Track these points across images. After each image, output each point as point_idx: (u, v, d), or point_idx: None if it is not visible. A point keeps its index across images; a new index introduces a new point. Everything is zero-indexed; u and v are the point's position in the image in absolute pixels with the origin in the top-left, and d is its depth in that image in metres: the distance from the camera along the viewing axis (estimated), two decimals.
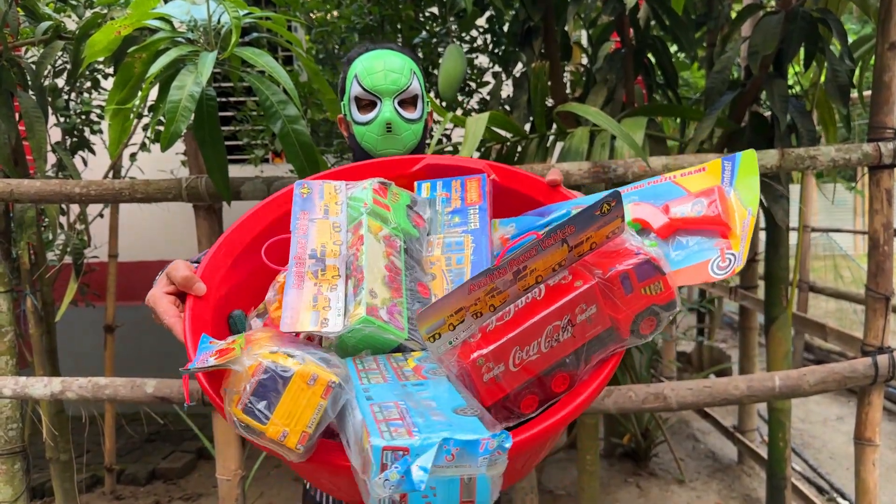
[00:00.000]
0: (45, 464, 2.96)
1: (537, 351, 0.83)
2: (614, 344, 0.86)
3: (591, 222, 0.80)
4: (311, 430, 0.76)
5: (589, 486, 2.59)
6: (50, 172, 2.95)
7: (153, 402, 2.17)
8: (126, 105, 1.83)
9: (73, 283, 2.75)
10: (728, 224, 0.89)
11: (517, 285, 0.82)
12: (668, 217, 0.94)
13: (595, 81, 2.70)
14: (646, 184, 1.02)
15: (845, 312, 6.56)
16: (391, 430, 0.71)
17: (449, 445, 0.68)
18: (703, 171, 0.99)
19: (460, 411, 0.76)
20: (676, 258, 0.91)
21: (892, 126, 2.12)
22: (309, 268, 0.98)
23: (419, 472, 0.67)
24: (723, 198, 0.92)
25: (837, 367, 2.15)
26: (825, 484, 3.64)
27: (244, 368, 0.78)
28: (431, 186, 1.19)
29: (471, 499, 0.71)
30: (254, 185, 2.13)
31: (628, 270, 0.82)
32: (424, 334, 0.82)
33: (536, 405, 0.85)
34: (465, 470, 0.69)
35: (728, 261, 0.86)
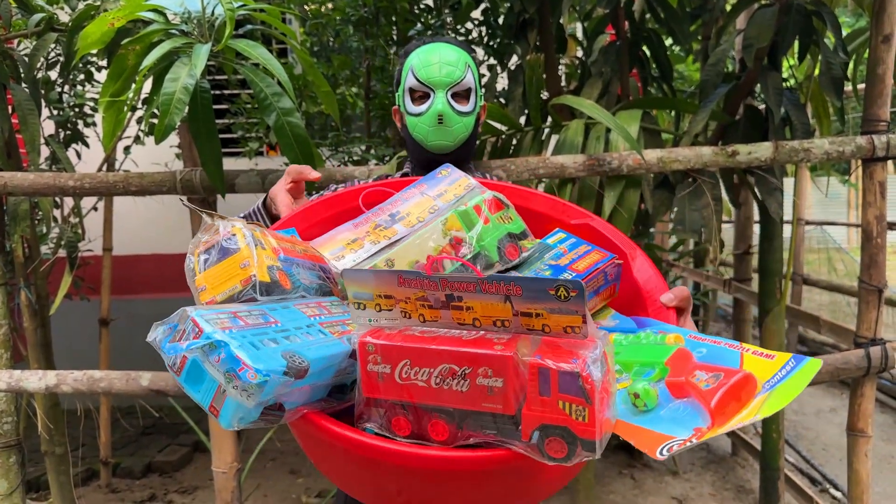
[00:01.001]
0: (40, 457, 2.96)
1: (426, 380, 0.77)
2: (504, 438, 0.76)
3: (541, 297, 0.73)
4: (218, 299, 0.87)
5: (583, 477, 2.61)
6: (43, 165, 2.94)
7: (148, 396, 2.16)
8: (120, 97, 1.82)
9: (68, 277, 2.74)
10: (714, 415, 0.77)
11: (451, 313, 0.79)
12: (685, 378, 0.83)
13: (590, 74, 2.70)
14: (723, 343, 0.91)
15: (839, 305, 6.59)
16: (221, 319, 0.78)
17: (222, 350, 0.73)
18: (770, 358, 0.86)
19: (287, 353, 0.77)
20: (663, 418, 0.80)
21: (886, 119, 2.13)
22: (379, 220, 1.06)
23: (180, 343, 0.75)
24: (741, 388, 0.80)
25: (830, 358, 2.16)
26: (818, 475, 3.67)
27: (213, 225, 0.92)
28: (564, 238, 1.17)
29: (217, 408, 0.75)
30: (248, 178, 2.13)
31: (549, 369, 0.71)
32: (350, 296, 0.82)
33: (407, 433, 0.80)
34: (224, 381, 0.73)
35: (683, 447, 0.73)
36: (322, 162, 2.34)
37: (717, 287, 4.49)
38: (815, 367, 0.82)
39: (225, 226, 0.91)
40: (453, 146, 1.40)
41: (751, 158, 2.11)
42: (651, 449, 0.73)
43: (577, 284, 0.71)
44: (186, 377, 0.76)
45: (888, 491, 3.48)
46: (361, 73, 3.30)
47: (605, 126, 2.21)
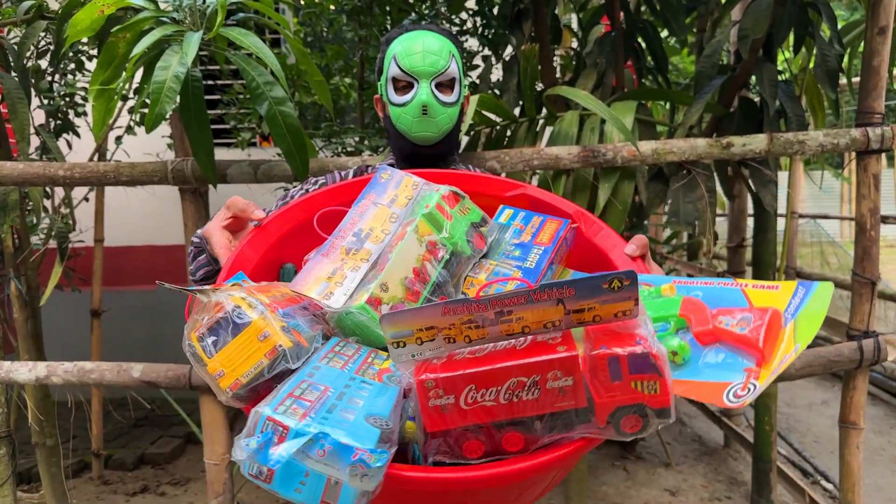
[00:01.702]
0: (31, 449, 2.95)
1: (494, 399, 0.77)
2: (584, 427, 0.79)
3: (594, 293, 0.75)
4: (244, 380, 0.79)
5: (576, 469, 2.61)
6: (34, 155, 2.91)
7: (140, 387, 2.15)
8: (110, 85, 1.80)
9: (58, 268, 2.72)
10: (764, 354, 0.80)
11: (500, 327, 0.78)
12: (712, 325, 0.86)
13: (585, 65, 2.69)
14: (716, 283, 0.94)
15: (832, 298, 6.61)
16: (291, 407, 0.71)
17: (324, 441, 0.68)
18: (775, 289, 0.89)
19: (371, 419, 0.74)
20: (703, 368, 0.83)
21: (881, 111, 2.12)
22: (347, 243, 1.00)
23: (280, 451, 0.67)
24: (774, 324, 0.83)
25: (823, 350, 2.16)
26: (810, 467, 3.68)
27: (210, 301, 0.82)
28: (513, 214, 1.16)
29: (331, 501, 0.69)
30: (240, 168, 2.11)
31: (620, 356, 0.74)
32: (388, 337, 0.79)
33: (481, 454, 0.79)
34: (334, 472, 0.68)
35: (748, 390, 0.77)
36: (315, 153, 2.33)
37: None
38: (828, 289, 0.86)
39: (227, 299, 0.82)
40: (437, 137, 1.36)
41: (745, 150, 2.10)
42: (716, 398, 0.77)
43: (629, 274, 0.74)
44: (281, 482, 0.68)
45: (879, 483, 3.50)
46: (355, 64, 3.28)
47: (599, 117, 2.20)
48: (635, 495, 3.40)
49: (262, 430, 0.70)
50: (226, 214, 1.12)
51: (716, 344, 0.84)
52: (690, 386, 0.80)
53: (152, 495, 3.50)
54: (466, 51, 3.26)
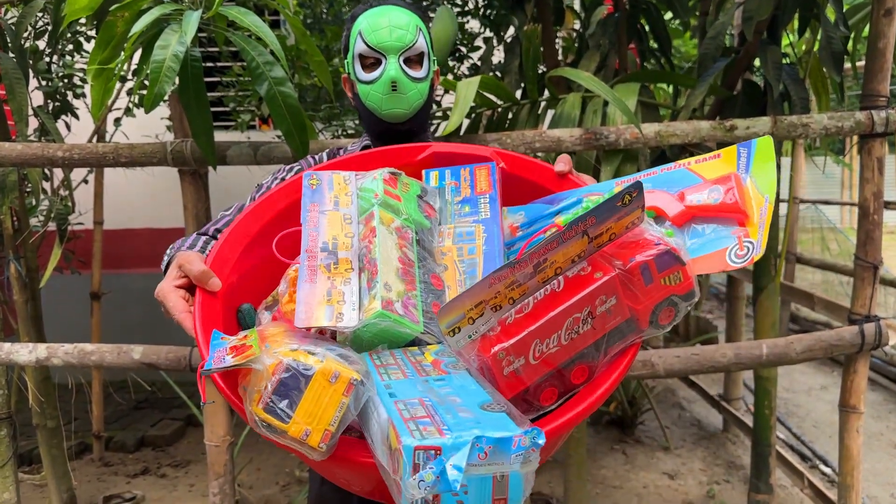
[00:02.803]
0: (32, 431, 2.96)
1: (557, 343, 0.82)
2: (633, 335, 0.86)
3: (612, 213, 0.79)
4: (333, 429, 0.76)
5: (576, 452, 2.61)
6: (32, 137, 2.89)
7: (140, 369, 2.15)
8: (109, 65, 1.78)
9: (58, 250, 2.71)
10: (745, 211, 0.87)
11: (537, 278, 0.82)
12: (684, 205, 0.92)
13: (587, 47, 2.67)
14: (659, 170, 0.99)
15: (831, 284, 6.62)
16: (420, 428, 0.70)
17: (482, 443, 0.67)
18: (718, 157, 0.96)
19: (487, 407, 0.74)
20: (692, 246, 0.89)
21: (886, 94, 2.11)
22: (321, 261, 0.96)
23: (453, 471, 0.66)
24: (739, 185, 0.90)
25: (825, 335, 2.16)
26: (808, 452, 3.70)
27: (265, 367, 0.77)
28: (440, 175, 1.16)
29: (503, 496, 0.69)
30: (240, 150, 2.10)
31: (648, 261, 0.82)
32: (444, 329, 0.81)
33: (556, 398, 0.85)
34: (498, 468, 0.68)
35: (746, 249, 0.84)
36: (315, 134, 2.31)
37: None
38: (768, 141, 0.94)
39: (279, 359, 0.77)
40: (409, 114, 1.33)
41: (749, 133, 2.09)
42: (721, 263, 0.86)
43: (636, 185, 0.79)
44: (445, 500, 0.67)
45: (877, 468, 3.51)
46: None
47: (602, 99, 2.18)
48: (634, 479, 3.41)
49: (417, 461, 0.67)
50: (177, 275, 1.03)
51: (691, 223, 0.92)
52: (696, 263, 0.86)
53: (153, 477, 3.52)
54: (468, 32, 3.23)
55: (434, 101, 1.47)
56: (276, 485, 3.39)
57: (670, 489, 3.31)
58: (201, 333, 0.92)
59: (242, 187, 2.13)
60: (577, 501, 2.66)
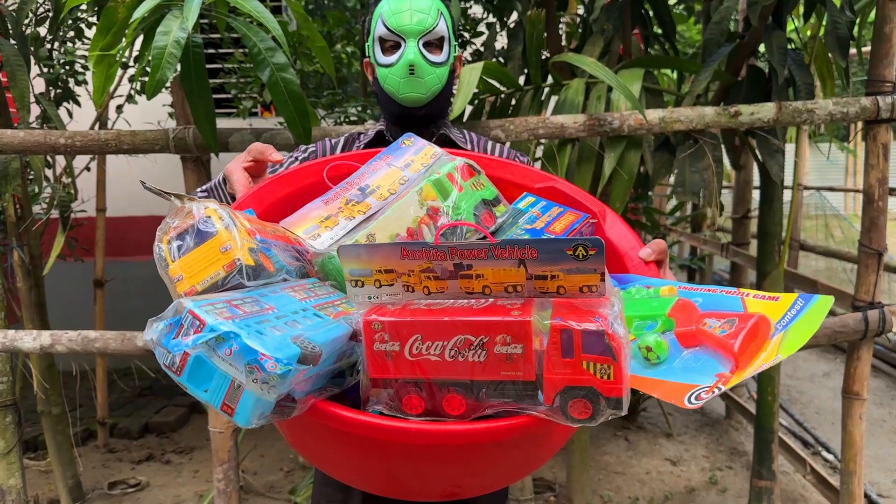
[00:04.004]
0: (37, 418, 2.97)
1: (439, 355, 0.74)
2: (530, 405, 0.74)
3: (557, 258, 0.72)
4: (199, 288, 0.80)
5: (578, 438, 2.62)
6: (34, 125, 2.89)
7: (144, 356, 2.16)
8: (110, 51, 1.77)
9: (60, 237, 2.71)
10: (737, 359, 0.77)
11: (459, 283, 0.76)
12: (696, 327, 0.83)
13: (591, 32, 2.65)
14: (718, 290, 0.91)
15: (835, 271, 6.61)
16: (220, 309, 0.72)
17: (234, 341, 0.68)
18: (775, 300, 0.86)
19: (297, 340, 0.73)
20: (677, 369, 0.79)
21: (891, 79, 2.09)
22: (349, 195, 1.00)
23: (187, 340, 0.68)
24: (758, 330, 0.80)
25: (828, 321, 2.15)
26: (811, 438, 3.71)
27: (184, 209, 0.84)
28: (534, 202, 1.15)
29: (231, 405, 0.69)
30: (242, 137, 2.09)
31: (573, 330, 0.70)
32: (347, 274, 0.78)
33: (420, 411, 0.77)
34: (237, 374, 0.68)
35: (711, 393, 0.73)
36: (317, 121, 2.30)
37: (714, 252, 4.49)
38: (827, 303, 0.82)
39: (198, 208, 0.83)
40: (426, 98, 1.32)
41: (753, 119, 2.08)
42: (678, 398, 0.73)
43: (595, 242, 0.70)
44: (189, 377, 0.69)
45: (879, 454, 3.52)
46: (357, 31, 3.24)
47: (606, 85, 2.17)
48: (637, 465, 3.42)
49: (176, 317, 0.71)
50: (246, 157, 1.16)
51: (698, 347, 0.81)
52: (654, 384, 0.77)
53: (157, 463, 3.54)
54: (471, 18, 3.21)
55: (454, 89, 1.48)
56: (280, 471, 3.41)
57: (673, 475, 3.32)
58: (241, 203, 1.02)
59: None
60: (579, 487, 2.67)
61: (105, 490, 3.21)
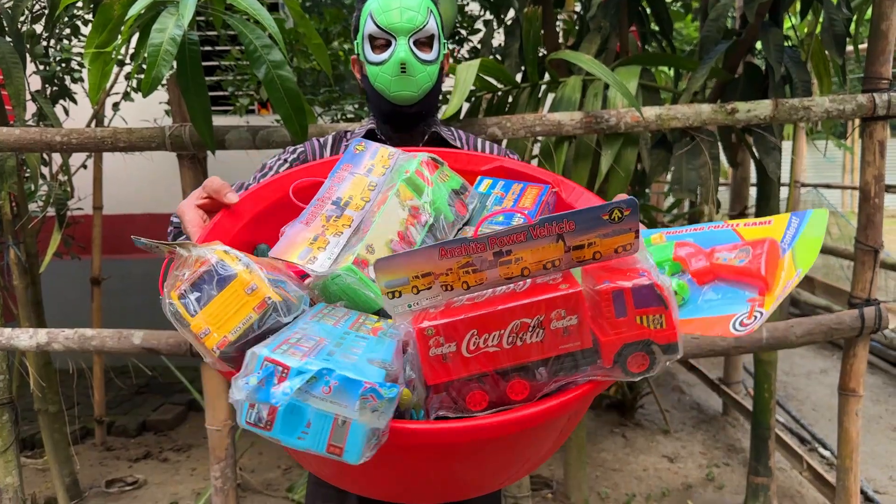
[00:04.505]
0: (34, 416, 2.97)
1: (497, 343, 0.74)
2: (592, 369, 0.76)
3: (595, 225, 0.73)
4: (232, 338, 0.75)
5: (576, 436, 2.63)
6: (30, 122, 2.88)
7: (141, 354, 2.15)
8: (106, 49, 1.77)
9: (57, 235, 2.71)
10: (766, 280, 0.79)
11: (499, 270, 0.75)
12: (710, 262, 0.85)
13: (588, 29, 2.64)
14: (706, 227, 0.94)
15: (832, 268, 6.61)
16: (288, 350, 0.68)
17: (329, 377, 0.65)
18: (768, 223, 0.89)
19: (374, 362, 0.71)
20: (702, 306, 0.82)
21: (888, 76, 2.09)
22: (326, 211, 0.98)
23: (283, 387, 0.64)
24: (773, 252, 0.83)
25: (824, 318, 2.16)
26: (807, 435, 3.71)
27: (191, 256, 0.77)
28: (493, 183, 1.17)
29: (339, 445, 0.66)
30: (239, 134, 2.09)
31: (624, 289, 0.72)
32: (382, 286, 0.75)
33: (485, 405, 0.76)
34: (341, 409, 0.65)
35: (754, 318, 0.76)
36: (314, 118, 2.30)
37: None
38: (823, 215, 0.87)
39: (209, 252, 0.77)
40: (418, 97, 1.33)
41: (750, 116, 2.08)
42: (722, 329, 0.76)
43: (630, 202, 0.72)
44: (283, 427, 0.65)
45: (875, 450, 3.53)
46: None
47: (603, 83, 2.17)
48: (634, 462, 3.43)
49: (257, 369, 0.66)
50: (200, 194, 1.07)
51: (714, 281, 0.85)
52: (694, 323, 0.80)
53: (155, 461, 3.54)
54: (468, 15, 3.21)
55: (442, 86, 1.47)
56: (277, 468, 3.41)
57: (670, 472, 3.32)
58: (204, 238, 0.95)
59: (241, 172, 2.12)
60: (576, 484, 2.67)
61: (102, 488, 3.21)
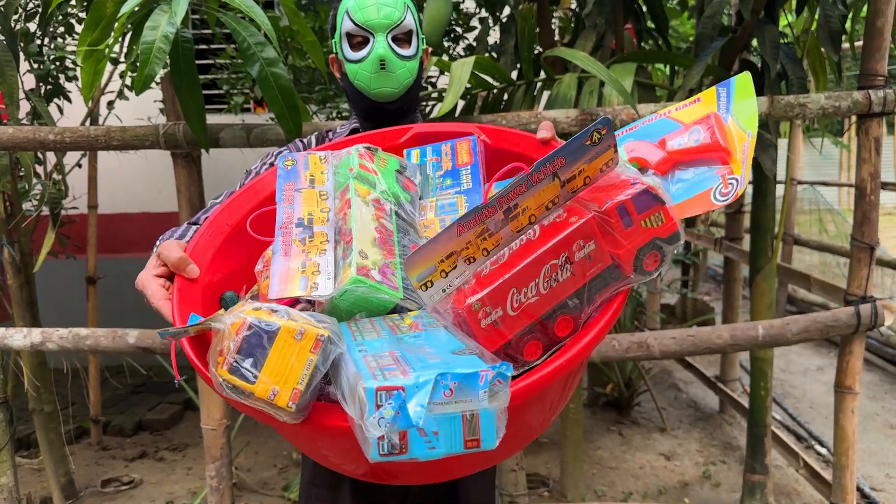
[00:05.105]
0: (29, 416, 2.96)
1: (536, 293, 0.79)
2: (618, 282, 0.83)
3: (581, 153, 0.77)
4: (302, 387, 0.73)
5: (572, 434, 2.62)
6: (24, 121, 2.87)
7: (136, 353, 2.15)
8: (98, 46, 1.76)
9: (51, 234, 2.70)
10: (727, 149, 0.86)
11: (510, 226, 0.79)
12: (666, 151, 0.91)
13: (584, 26, 2.64)
14: (640, 123, 0.98)
15: (829, 266, 6.62)
16: (385, 373, 0.69)
17: (446, 380, 0.66)
18: (697, 101, 0.95)
19: (458, 352, 0.73)
20: (677, 191, 0.88)
21: (883, 73, 2.09)
22: (296, 236, 0.95)
23: (416, 407, 0.64)
24: (720, 123, 0.89)
25: (820, 316, 2.16)
26: (804, 432, 3.72)
27: (227, 327, 0.74)
28: (421, 153, 1.16)
29: (475, 437, 0.67)
30: (233, 132, 2.08)
31: (625, 202, 0.79)
32: (415, 282, 0.78)
33: (541, 352, 0.82)
34: (467, 405, 0.66)
35: (731, 185, 0.83)
36: (308, 116, 2.29)
37: (708, 246, 4.50)
38: (746, 78, 0.93)
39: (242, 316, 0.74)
40: (398, 92, 1.32)
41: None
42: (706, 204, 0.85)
43: (604, 121, 0.77)
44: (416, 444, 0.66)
45: (872, 448, 3.53)
46: None
47: (598, 80, 2.16)
48: (630, 460, 3.43)
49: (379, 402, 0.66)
50: (157, 263, 1.01)
51: (675, 168, 0.91)
52: (680, 206, 0.86)
53: (151, 460, 3.53)
54: (463, 12, 3.20)
55: (424, 80, 1.46)
56: (273, 467, 3.40)
57: (666, 470, 3.32)
58: (178, 318, 0.90)
59: (236, 170, 2.11)
60: (573, 482, 2.67)
61: (98, 488, 3.20)
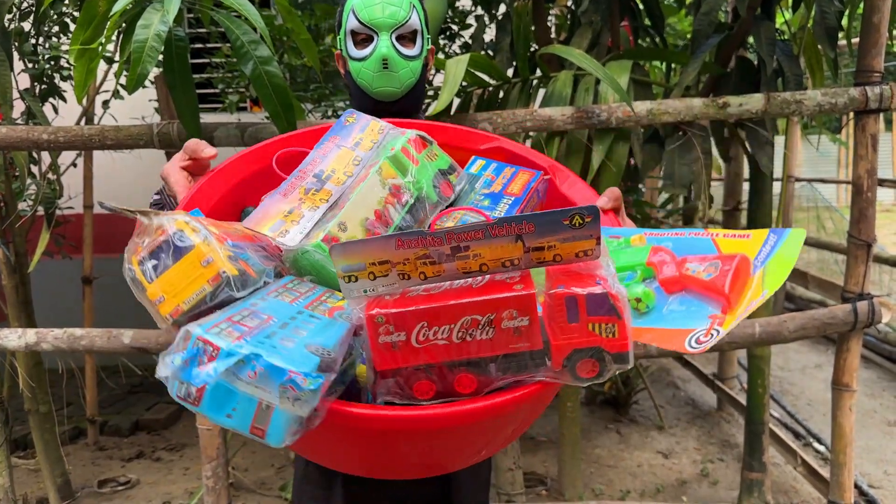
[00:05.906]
0: (25, 416, 2.95)
1: (446, 337, 0.75)
2: (541, 371, 0.77)
3: (554, 229, 0.73)
4: (184, 307, 0.76)
5: (570, 432, 2.62)
6: (19, 121, 2.85)
7: (131, 353, 2.14)
8: (91, 45, 1.75)
9: (45, 234, 2.69)
10: (730, 300, 0.78)
11: (456, 264, 0.75)
12: (679, 272, 0.85)
13: (580, 24, 2.63)
14: (686, 234, 0.92)
15: (826, 263, 6.62)
16: (226, 329, 0.69)
17: (256, 362, 0.66)
18: (746, 237, 0.88)
19: (311, 347, 0.72)
20: (668, 315, 0.81)
21: (880, 69, 2.08)
22: (306, 183, 0.97)
23: (207, 369, 0.66)
24: (741, 270, 0.81)
25: (818, 313, 2.15)
26: (802, 429, 3.72)
27: (152, 224, 0.79)
28: (485, 165, 1.15)
29: (262, 427, 0.68)
30: (227, 131, 2.07)
31: (578, 296, 0.72)
32: (339, 271, 0.76)
33: (432, 395, 0.77)
34: (265, 395, 0.67)
35: (710, 337, 0.75)
36: (303, 115, 2.29)
37: None
38: (800, 235, 0.85)
39: (169, 222, 0.78)
40: (400, 92, 1.31)
41: (742, 110, 2.07)
42: (677, 344, 0.75)
43: (591, 210, 0.72)
44: (210, 405, 0.67)
45: (870, 445, 3.53)
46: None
47: (594, 77, 2.15)
48: (628, 458, 3.43)
49: (189, 347, 0.68)
50: (183, 157, 1.06)
51: (682, 292, 0.83)
52: (653, 333, 0.79)
53: (147, 461, 3.52)
54: (459, 10, 3.19)
55: (428, 80, 1.46)
56: (271, 467, 3.40)
57: (664, 468, 3.32)
58: (186, 205, 0.96)
59: None
60: (571, 481, 2.67)
61: (95, 488, 3.19)
